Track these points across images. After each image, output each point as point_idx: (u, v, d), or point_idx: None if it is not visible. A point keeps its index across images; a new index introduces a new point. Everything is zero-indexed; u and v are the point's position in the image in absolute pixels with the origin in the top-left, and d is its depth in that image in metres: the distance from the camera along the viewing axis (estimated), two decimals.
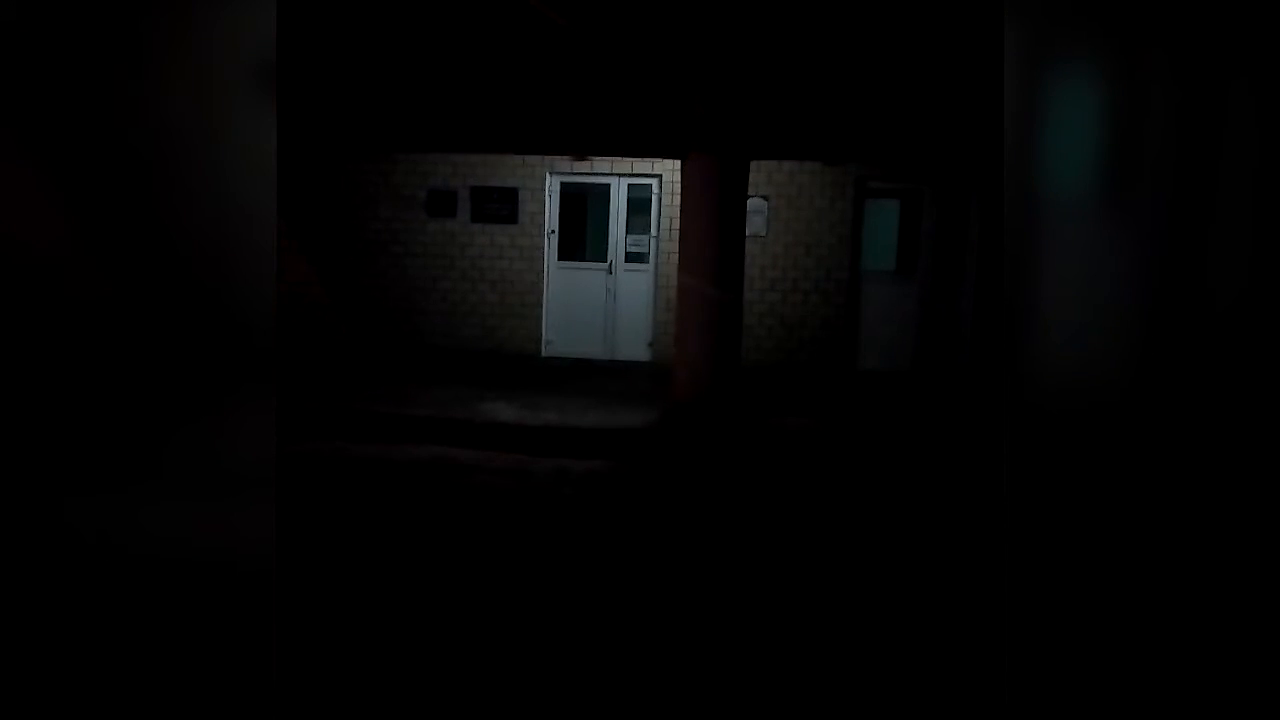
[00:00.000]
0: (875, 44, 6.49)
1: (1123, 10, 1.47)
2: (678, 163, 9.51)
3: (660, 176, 10.46)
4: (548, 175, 10.69)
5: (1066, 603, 1.48)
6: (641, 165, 10.47)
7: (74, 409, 1.11)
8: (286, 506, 4.78)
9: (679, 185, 8.72)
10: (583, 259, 10.82)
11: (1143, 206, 1.54)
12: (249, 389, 1.27)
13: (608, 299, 10.73)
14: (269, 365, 1.31)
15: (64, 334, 1.15)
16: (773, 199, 10.43)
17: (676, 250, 8.20)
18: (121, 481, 1.17)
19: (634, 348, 10.71)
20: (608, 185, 10.65)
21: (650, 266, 10.63)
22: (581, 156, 10.44)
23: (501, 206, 10.75)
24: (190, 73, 1.22)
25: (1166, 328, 1.50)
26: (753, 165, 9.03)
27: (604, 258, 10.74)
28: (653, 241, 10.61)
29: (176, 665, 1.22)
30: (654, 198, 10.56)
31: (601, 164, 10.54)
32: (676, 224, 9.80)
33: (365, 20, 6.43)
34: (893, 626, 3.57)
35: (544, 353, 10.86)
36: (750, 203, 9.70)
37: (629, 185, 10.61)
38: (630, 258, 10.68)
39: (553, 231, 10.81)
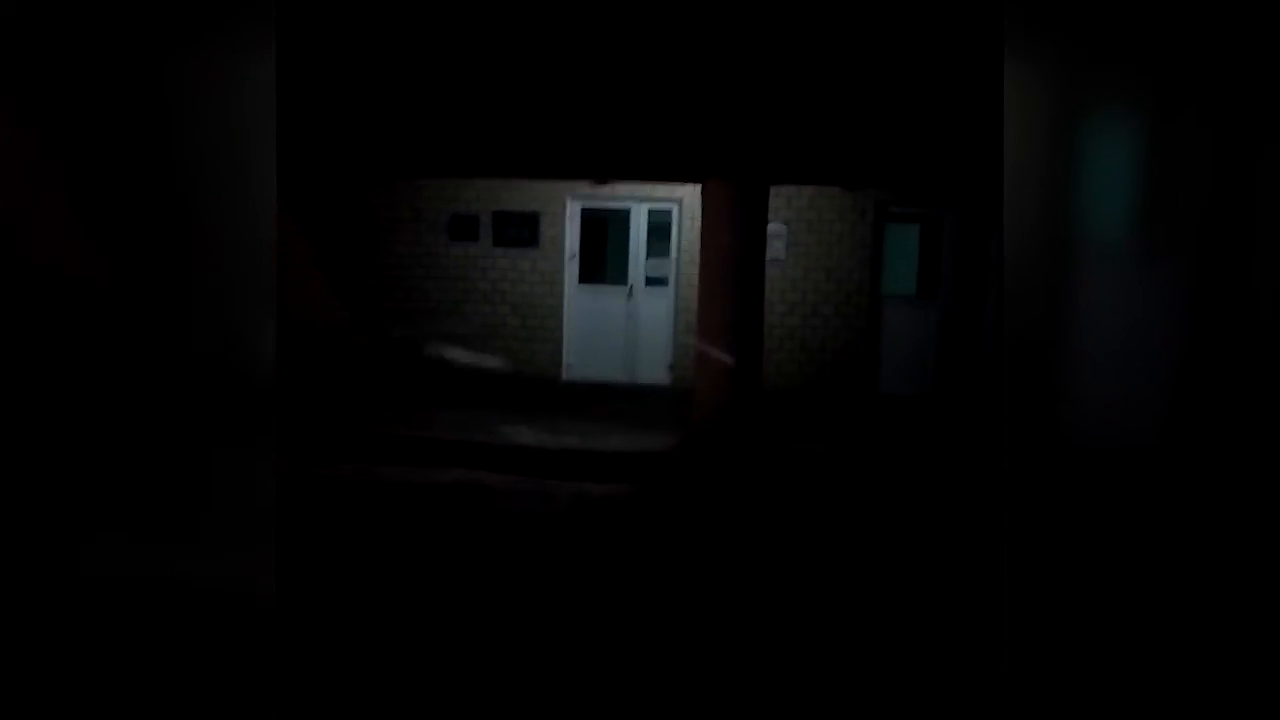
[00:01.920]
0: (896, 70, 6.51)
1: (1143, 50, 1.48)
2: (698, 187, 9.54)
3: (680, 201, 10.50)
4: (568, 200, 10.76)
5: (1070, 640, 1.47)
6: (661, 190, 10.52)
7: (72, 437, 1.14)
8: (310, 529, 4.81)
9: (699, 209, 8.74)
10: (603, 282, 10.87)
11: (1169, 246, 1.54)
12: (249, 420, 1.29)
13: (628, 322, 10.76)
14: (269, 396, 1.33)
15: (66, 360, 1.17)
16: (793, 223, 10.44)
17: (696, 274, 8.21)
18: (117, 510, 1.19)
19: (654, 371, 10.72)
20: (628, 210, 10.70)
21: (670, 290, 10.65)
22: (602, 181, 10.50)
23: (522, 231, 10.83)
24: (193, 102, 1.25)
25: (1190, 366, 1.49)
26: (772, 190, 9.05)
27: (624, 281, 10.77)
28: (673, 265, 10.64)
29: (176, 695, 1.23)
30: (674, 222, 10.60)
31: (622, 189, 10.60)
32: (696, 248, 9.83)
33: (389, 47, 6.53)
34: (901, 658, 3.53)
35: (565, 376, 10.88)
36: (770, 227, 9.71)
37: (649, 210, 10.66)
38: (650, 281, 10.71)
39: (573, 255, 10.86)
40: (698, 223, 9.32)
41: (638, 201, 10.64)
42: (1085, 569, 1.52)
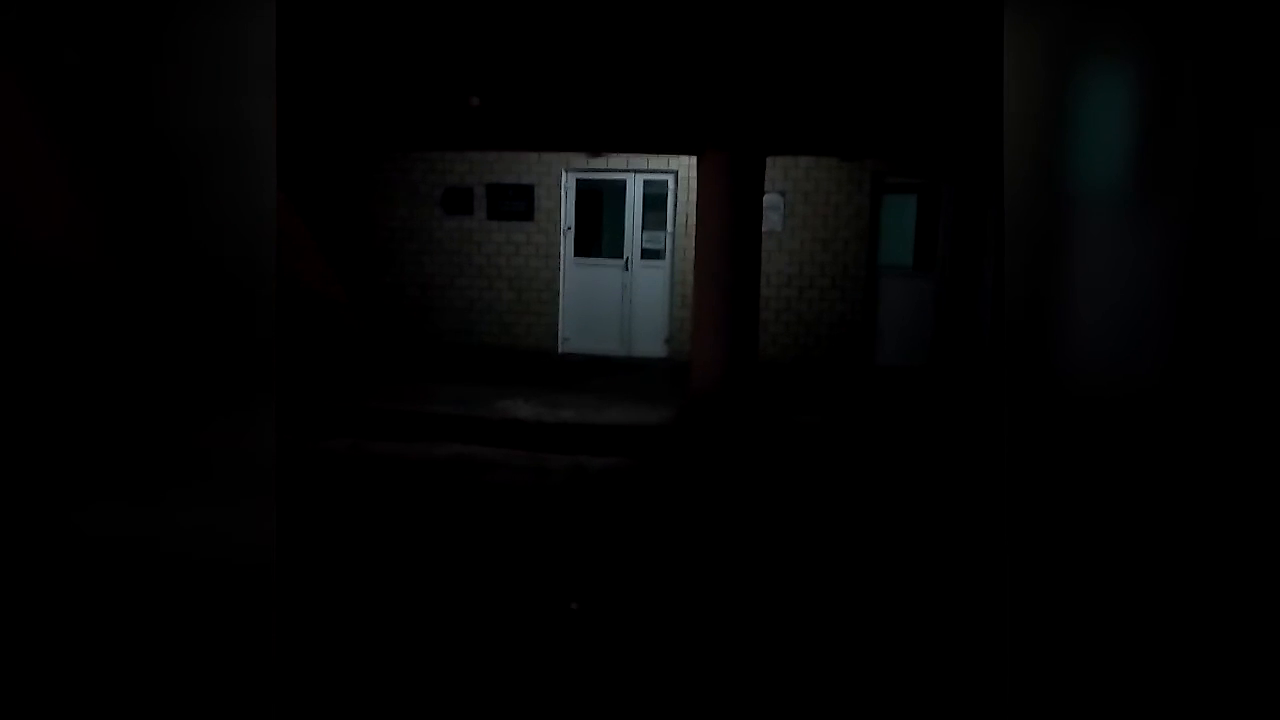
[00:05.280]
0: (892, 38, 6.45)
1: (1129, 7, 1.45)
2: (694, 158, 9.49)
3: (676, 172, 10.44)
4: (563, 172, 10.69)
5: (1072, 605, 1.46)
6: (657, 161, 10.46)
7: (79, 407, 1.12)
8: (304, 504, 4.81)
9: (695, 181, 8.69)
10: (599, 255, 10.82)
11: (1157, 204, 1.52)
12: (250, 388, 1.27)
13: (624, 295, 10.73)
14: (269, 363, 1.31)
15: (72, 334, 1.15)
16: (789, 194, 10.39)
17: (693, 246, 8.18)
18: (122, 481, 1.17)
19: (651, 344, 10.70)
20: (624, 181, 10.64)
21: (666, 263, 10.61)
22: (597, 153, 10.44)
23: (517, 203, 10.77)
24: (192, 69, 1.23)
25: (1185, 323, 1.48)
26: (769, 161, 8.99)
27: (620, 254, 10.73)
28: (669, 238, 10.59)
29: (176, 662, 1.22)
30: (670, 194, 10.55)
31: (617, 160, 10.53)
32: (692, 220, 9.78)
33: (382, 18, 6.45)
34: (895, 626, 3.55)
35: (561, 349, 10.87)
36: (767, 198, 9.67)
37: (645, 181, 10.60)
38: (646, 254, 10.67)
39: (569, 228, 10.81)
40: (694, 194, 9.28)
41: (633, 173, 10.58)
42: (1086, 526, 1.51)
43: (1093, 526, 1.46)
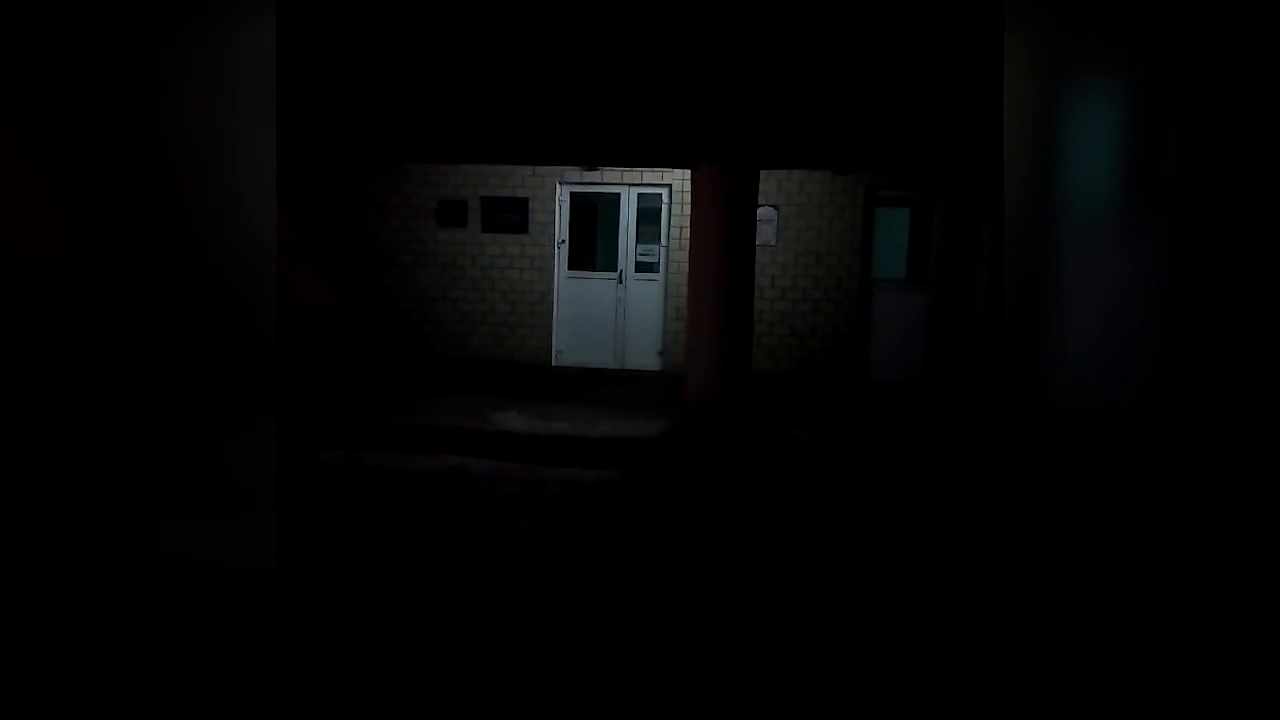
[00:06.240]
0: (886, 53, 6.48)
1: (1131, 18, 1.46)
2: (688, 172, 9.51)
3: (670, 186, 10.47)
4: (558, 185, 10.71)
5: (1069, 619, 1.46)
6: (651, 175, 10.49)
7: (76, 423, 1.11)
8: (300, 517, 4.78)
9: (689, 194, 8.71)
10: (593, 268, 10.84)
11: (1154, 216, 1.53)
12: (249, 402, 1.27)
13: (618, 308, 10.74)
14: (269, 378, 1.31)
15: (69, 347, 1.15)
16: (783, 208, 10.42)
17: (686, 259, 8.20)
18: (121, 496, 1.16)
19: (645, 357, 10.70)
20: (618, 195, 10.66)
21: (660, 276, 10.62)
22: (591, 166, 10.46)
23: (512, 216, 10.78)
24: (190, 81, 1.23)
25: (1176, 338, 1.48)
26: (763, 174, 9.02)
27: (614, 267, 10.74)
28: (663, 251, 10.61)
29: (175, 681, 1.21)
30: (664, 207, 10.57)
31: (611, 174, 10.56)
32: (686, 233, 9.81)
33: (377, 32, 6.46)
34: (894, 640, 3.54)
35: (555, 362, 10.86)
36: (760, 211, 9.70)
37: (639, 195, 10.62)
38: (640, 267, 10.69)
39: (563, 241, 10.82)
40: (688, 208, 9.30)
41: (628, 186, 10.60)
42: (1084, 545, 1.51)
43: (1089, 542, 1.46)
